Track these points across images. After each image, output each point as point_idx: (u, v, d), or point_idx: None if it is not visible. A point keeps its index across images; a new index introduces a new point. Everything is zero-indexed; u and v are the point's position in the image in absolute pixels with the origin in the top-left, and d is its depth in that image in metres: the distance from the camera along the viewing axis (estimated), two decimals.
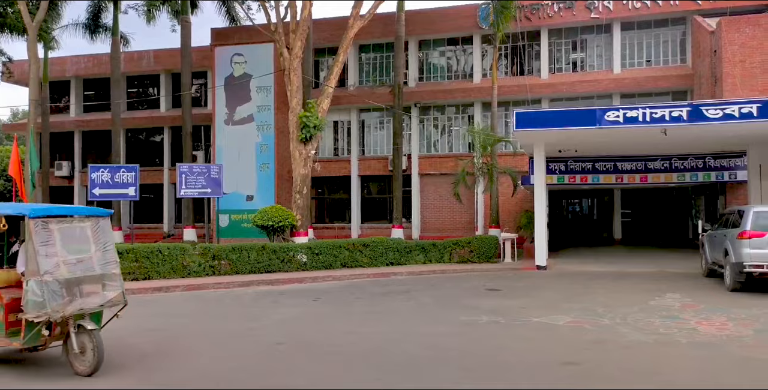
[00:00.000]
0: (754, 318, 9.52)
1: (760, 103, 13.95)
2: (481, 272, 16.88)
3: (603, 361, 7.06)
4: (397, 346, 7.96)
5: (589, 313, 10.14)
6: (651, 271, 16.21)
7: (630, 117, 14.64)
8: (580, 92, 25.50)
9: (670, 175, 21.23)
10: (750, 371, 6.58)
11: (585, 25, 25.85)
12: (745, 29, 20.56)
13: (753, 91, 19.90)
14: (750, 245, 11.99)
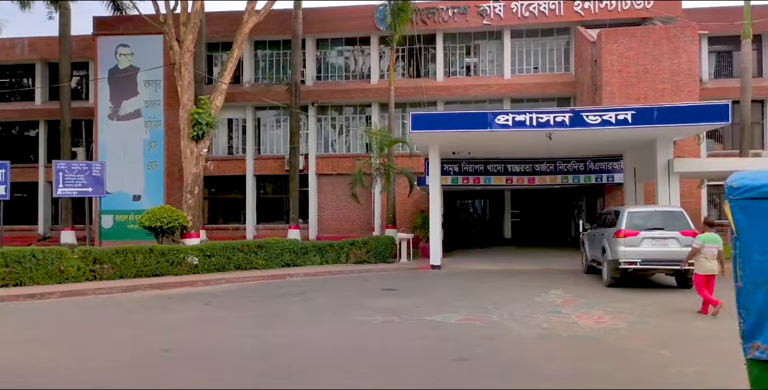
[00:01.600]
0: (628, 311, 10.18)
1: (634, 111, 14.98)
2: (377, 272, 16.97)
3: (492, 356, 7.25)
4: (290, 349, 7.79)
5: (480, 310, 10.43)
6: (537, 269, 16.98)
7: (518, 121, 15.25)
8: (474, 96, 26.34)
9: (555, 177, 22.37)
10: (622, 360, 6.98)
11: (478, 31, 26.72)
12: (622, 40, 22.07)
13: (629, 99, 21.41)
14: (625, 243, 12.83)
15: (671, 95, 21.33)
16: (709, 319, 9.55)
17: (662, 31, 22.19)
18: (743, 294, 4.02)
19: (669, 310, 10.37)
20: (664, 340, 7.93)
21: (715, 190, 26.12)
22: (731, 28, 24.39)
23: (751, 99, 22.67)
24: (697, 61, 22.16)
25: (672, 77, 21.64)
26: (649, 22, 24.45)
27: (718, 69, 27.04)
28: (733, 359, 6.97)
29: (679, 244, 12.61)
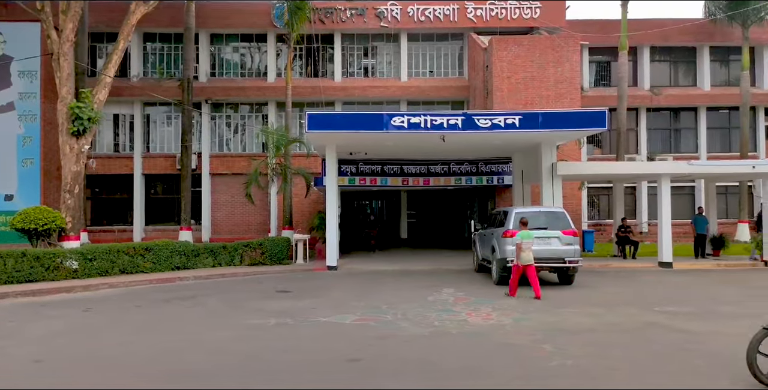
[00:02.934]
0: (514, 308, 10.60)
1: (522, 116, 15.64)
2: (272, 274, 16.66)
3: (385, 355, 7.29)
4: (176, 356, 7.44)
5: (375, 310, 10.48)
6: (431, 269, 17.35)
7: (413, 123, 15.49)
8: (371, 97, 26.54)
9: (449, 178, 22.97)
10: (506, 355, 7.24)
11: (375, 32, 26.95)
12: (512, 48, 23.02)
13: (518, 104, 22.37)
14: (512, 243, 13.33)
15: (555, 102, 22.51)
16: (588, 314, 10.11)
17: (548, 40, 23.37)
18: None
19: (551, 305, 10.91)
20: (546, 335, 8.30)
21: (594, 192, 27.89)
22: (610, 40, 26.14)
23: (627, 107, 24.44)
24: (578, 70, 23.50)
25: (556, 85, 22.83)
26: (536, 32, 25.68)
27: (598, 78, 28.87)
28: (610, 352, 7.44)
29: (561, 243, 13.32)
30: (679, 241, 22.68)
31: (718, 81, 28.56)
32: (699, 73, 28.50)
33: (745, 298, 11.72)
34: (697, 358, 7.06)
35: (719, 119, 28.46)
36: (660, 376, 6.37)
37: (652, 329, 8.77)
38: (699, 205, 23.15)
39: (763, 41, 27.30)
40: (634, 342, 7.97)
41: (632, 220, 25.84)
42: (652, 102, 27.66)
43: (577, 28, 25.80)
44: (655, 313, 10.11)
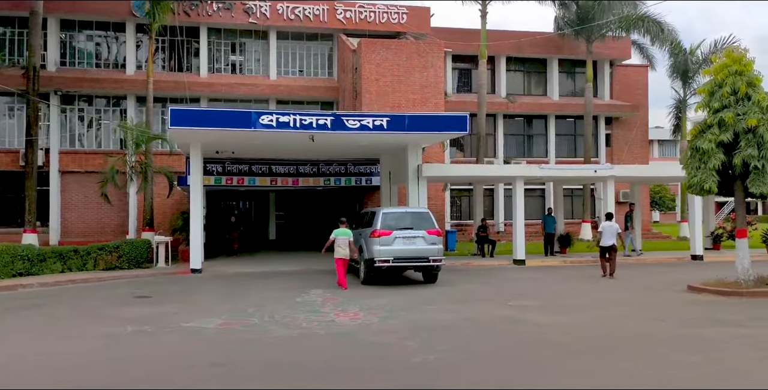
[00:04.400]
0: (381, 307, 10.85)
1: (389, 118, 16.00)
2: (130, 279, 15.74)
3: (249, 359, 7.15)
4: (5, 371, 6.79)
5: (241, 313, 10.25)
6: (301, 270, 17.27)
7: (282, 122, 15.30)
8: (239, 94, 25.90)
9: (318, 179, 22.98)
10: (373, 353, 7.40)
11: (244, 28, 26.35)
12: (380, 51, 23.50)
13: (386, 106, 22.88)
14: (380, 242, 13.66)
15: (421, 105, 23.30)
16: (450, 310, 10.58)
17: (414, 45, 24.13)
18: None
19: (417, 303, 11.28)
20: (411, 332, 8.58)
21: (456, 193, 29.23)
22: (471, 49, 27.50)
23: (486, 113, 25.87)
24: (442, 76, 24.50)
25: (421, 89, 23.64)
26: (403, 37, 26.42)
27: (460, 84, 30.31)
28: (469, 345, 7.83)
29: (426, 243, 13.81)
30: (532, 240, 24.34)
31: (566, 91, 31.07)
32: (549, 83, 30.84)
33: (587, 292, 12.84)
34: (545, 349, 7.63)
35: (566, 127, 30.97)
36: (513, 366, 6.80)
37: (507, 323, 9.37)
38: (549, 206, 25.01)
39: (604, 56, 30.07)
40: (491, 335, 8.46)
41: (490, 221, 27.37)
42: (508, 109, 29.50)
43: (442, 35, 26.89)
44: (510, 307, 10.80)
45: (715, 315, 9.84)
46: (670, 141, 53.29)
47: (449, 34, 27.92)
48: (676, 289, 12.86)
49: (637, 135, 31.34)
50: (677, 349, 7.46)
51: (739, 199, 12.85)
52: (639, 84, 31.60)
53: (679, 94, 30.49)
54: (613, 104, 30.59)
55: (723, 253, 20.63)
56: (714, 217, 25.71)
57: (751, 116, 11.75)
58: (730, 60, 12.43)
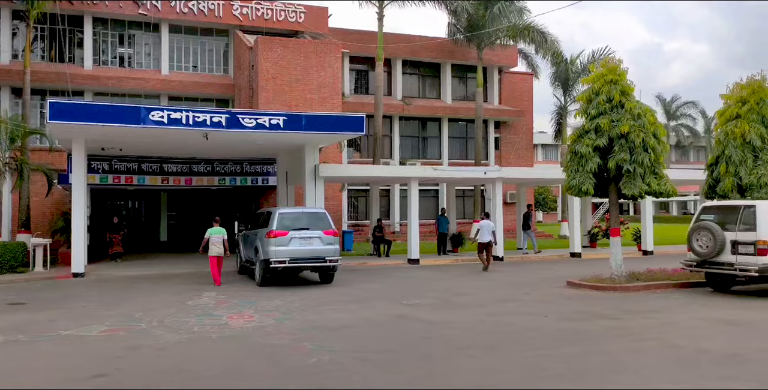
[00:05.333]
0: (276, 308, 10.77)
1: (286, 117, 15.88)
2: (3, 285, 14.59)
3: (135, 367, 6.87)
4: None
5: (127, 319, 9.81)
6: (192, 272, 16.72)
7: (174, 118, 14.77)
8: (128, 89, 24.69)
9: (213, 178, 22.38)
10: (267, 356, 7.34)
11: (133, 20, 25.13)
12: (277, 49, 23.25)
13: (283, 105, 22.67)
14: (275, 243, 13.53)
15: (318, 105, 23.30)
16: (346, 310, 10.68)
17: (312, 45, 24.08)
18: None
19: (313, 304, 11.29)
20: (306, 333, 8.59)
21: (354, 194, 29.46)
22: (368, 51, 27.82)
23: (383, 114, 26.28)
24: (340, 77, 24.62)
25: (319, 89, 23.64)
26: (301, 36, 26.26)
27: (358, 86, 30.58)
28: (365, 344, 7.95)
29: (322, 243, 13.83)
30: (426, 240, 25.01)
31: (458, 95, 32.17)
32: (443, 87, 31.81)
33: (477, 290, 13.39)
34: (436, 345, 7.90)
35: (459, 130, 32.07)
36: (406, 363, 6.99)
37: (401, 321, 9.61)
38: (442, 206, 25.79)
39: (494, 63, 31.40)
40: (385, 334, 8.64)
41: (386, 221, 27.84)
42: (404, 111, 30.11)
43: (339, 36, 27.01)
44: (403, 306, 11.07)
45: (592, 309, 10.56)
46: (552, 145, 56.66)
47: (347, 35, 28.10)
48: (557, 285, 13.71)
49: (523, 139, 33.01)
50: (558, 342, 7.97)
51: (613, 200, 13.87)
52: (525, 91, 33.30)
53: (561, 101, 32.51)
54: (501, 109, 32.02)
55: (599, 251, 22.19)
56: (591, 217, 27.60)
57: (624, 123, 12.71)
58: (605, 70, 13.38)
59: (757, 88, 13.92)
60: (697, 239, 12.19)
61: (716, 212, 12.40)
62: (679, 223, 45.57)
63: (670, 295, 12.26)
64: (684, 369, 6.58)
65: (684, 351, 7.38)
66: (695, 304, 11.02)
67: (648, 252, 21.87)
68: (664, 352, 7.34)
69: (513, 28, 26.65)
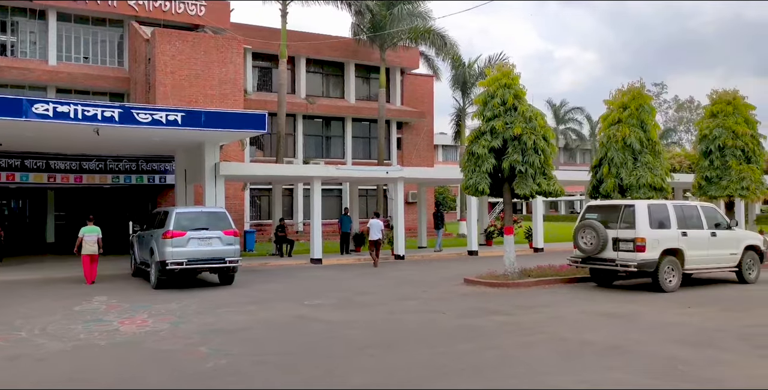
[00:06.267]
0: (172, 312, 10.40)
1: (184, 113, 15.35)
2: None
3: (14, 380, 6.41)
4: None
5: (5, 327, 9.14)
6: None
7: (61, 112, 13.88)
8: (9, 79, 22.95)
9: (106, 176, 21.28)
10: (161, 362, 7.06)
11: (16, 6, 23.42)
12: (176, 43, 22.42)
13: (182, 101, 21.89)
14: (172, 244, 13.06)
15: (219, 102, 22.70)
16: (245, 312, 10.48)
17: (212, 39, 23.42)
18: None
19: (211, 306, 11.00)
20: (203, 337, 8.35)
21: (256, 193, 28.97)
22: (272, 48, 27.42)
23: (286, 113, 25.97)
24: (242, 73, 24.12)
25: (220, 85, 23.05)
26: (201, 30, 25.49)
27: (261, 83, 30.08)
28: (263, 347, 7.83)
29: (222, 243, 13.51)
30: (329, 239, 25.03)
31: (362, 95, 32.41)
32: (346, 86, 31.93)
33: (377, 288, 13.56)
34: (336, 345, 7.93)
35: (362, 129, 32.32)
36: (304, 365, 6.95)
37: (301, 322, 9.56)
38: (345, 205, 25.91)
39: (396, 64, 31.88)
40: (285, 335, 8.57)
41: (290, 220, 27.59)
42: (307, 110, 29.96)
43: (242, 32, 26.44)
44: (304, 306, 11.03)
45: (487, 305, 10.98)
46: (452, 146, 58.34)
47: (250, 31, 27.56)
48: (455, 282, 14.14)
49: (424, 140, 33.76)
50: (455, 339, 8.22)
51: (507, 200, 14.48)
52: (426, 92, 34.07)
53: (460, 103, 33.57)
54: (403, 110, 32.57)
55: (494, 249, 23.09)
56: (487, 216, 28.71)
57: (517, 125, 13.30)
58: (500, 74, 13.94)
59: (636, 95, 15.02)
60: (582, 237, 12.96)
61: (599, 211, 13.23)
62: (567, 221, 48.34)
63: (558, 290, 12.98)
64: (570, 361, 6.96)
65: (570, 343, 7.81)
66: (580, 299, 11.73)
67: (539, 249, 23.02)
68: (553, 345, 7.74)
69: (415, 31, 27.16)
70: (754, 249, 13.71)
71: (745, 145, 16.85)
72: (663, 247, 12.29)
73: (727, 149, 16.99)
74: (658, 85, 67.18)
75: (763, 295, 12.09)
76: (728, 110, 17.18)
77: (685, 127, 64.18)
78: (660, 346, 7.58)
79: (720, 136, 17.03)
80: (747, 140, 16.92)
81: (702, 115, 18.69)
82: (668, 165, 15.52)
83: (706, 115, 18.00)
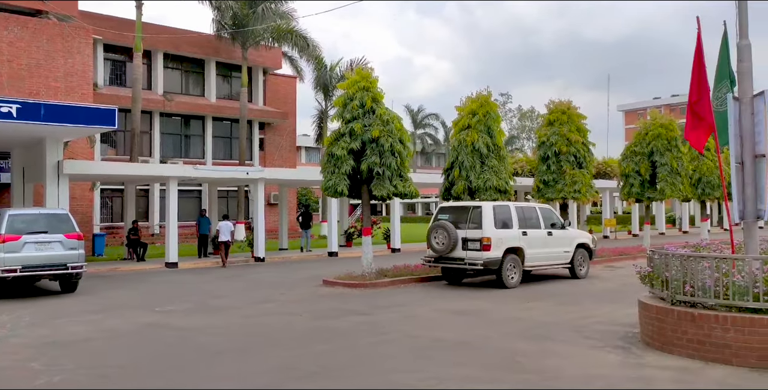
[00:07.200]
0: (1, 325, 9.49)
1: (20, 105, 14.07)
2: None
3: None
4: None
5: None
6: None
7: None
8: None
9: None
10: None
11: None
12: (14, 28, 20.47)
13: (21, 93, 19.99)
14: (4, 249, 11.94)
15: (65, 95, 21.03)
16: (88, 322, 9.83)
17: (57, 27, 21.64)
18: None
19: (48, 317, 10.18)
20: (36, 351, 7.69)
21: (108, 194, 27.18)
22: (126, 40, 25.90)
23: (142, 109, 24.64)
24: (91, 65, 22.52)
25: (66, 77, 21.37)
26: (45, 16, 23.44)
27: (114, 77, 28.28)
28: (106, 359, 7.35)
29: (64, 248, 12.57)
30: (188, 242, 24.13)
31: (223, 94, 31.58)
32: (207, 84, 30.94)
33: (234, 292, 13.29)
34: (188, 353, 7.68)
35: (223, 129, 31.48)
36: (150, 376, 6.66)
37: (151, 330, 9.13)
38: (203, 207, 25.07)
39: (258, 63, 31.40)
40: (132, 345, 8.14)
41: (145, 222, 26.23)
42: (165, 107, 28.63)
43: (92, 21, 24.71)
44: (156, 313, 10.55)
45: (344, 306, 11.14)
46: (315, 148, 58.55)
47: (101, 21, 25.83)
48: (314, 283, 14.23)
49: (287, 141, 33.56)
50: (311, 341, 8.23)
51: (365, 201, 14.82)
52: (289, 93, 33.89)
53: (322, 105, 33.83)
54: (266, 110, 32.15)
55: (354, 250, 23.47)
56: (348, 217, 29.15)
57: (375, 128, 13.66)
58: (359, 77, 14.24)
59: (484, 102, 16.05)
60: (435, 237, 13.58)
61: (451, 212, 13.93)
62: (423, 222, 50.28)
63: (413, 289, 13.49)
64: (421, 358, 7.20)
65: (422, 341, 8.11)
66: (432, 297, 12.27)
67: (396, 249, 23.76)
68: (406, 343, 8.00)
69: (277, 30, 26.92)
70: (584, 247, 15.13)
71: (577, 151, 18.64)
72: (506, 246, 13.20)
73: (562, 155, 18.68)
74: (504, 95, 71.98)
75: (592, 289, 13.35)
76: (563, 119, 18.92)
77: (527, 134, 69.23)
78: (503, 340, 8.10)
79: (556, 142, 18.71)
80: (579, 147, 18.72)
81: (541, 123, 20.39)
82: (512, 169, 16.77)
83: (544, 124, 19.70)
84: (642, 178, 21.38)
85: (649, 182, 21.54)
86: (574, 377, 6.24)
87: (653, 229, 33.47)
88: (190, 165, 21.24)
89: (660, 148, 20.90)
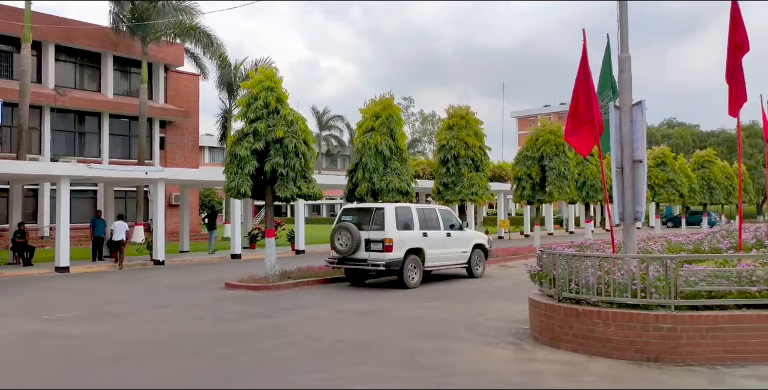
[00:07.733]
0: None
1: None
2: None
3: None
4: None
5: None
6: None
7: None
8: None
9: None
10: None
11: None
12: None
13: None
14: None
15: None
16: None
17: None
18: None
19: None
20: None
21: None
22: (13, 29, 24.26)
23: (30, 104, 23.16)
24: None
25: None
26: None
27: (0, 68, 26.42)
28: None
29: None
30: (82, 245, 22.94)
31: (121, 90, 30.24)
32: (103, 79, 29.52)
33: (132, 297, 12.82)
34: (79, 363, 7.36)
35: (122, 127, 30.15)
36: None
37: (37, 339, 8.64)
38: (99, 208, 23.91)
39: (160, 60, 30.34)
40: (14, 356, 7.67)
41: (34, 225, 24.70)
42: (57, 102, 27.07)
43: None
44: (43, 321, 10.01)
45: (247, 309, 11.02)
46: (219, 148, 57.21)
47: None
48: (216, 287, 13.98)
49: (189, 140, 32.62)
50: (212, 345, 8.09)
51: (268, 202, 14.71)
52: (191, 91, 32.96)
53: (226, 105, 33.18)
54: (167, 108, 31.10)
55: (258, 252, 23.21)
56: (252, 218, 28.74)
57: (279, 128, 13.60)
58: (263, 76, 14.12)
59: (387, 106, 16.41)
60: (338, 238, 13.71)
61: (354, 214, 14.11)
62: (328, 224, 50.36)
63: (316, 290, 13.55)
64: (323, 359, 7.26)
65: (324, 342, 8.18)
66: (335, 298, 12.39)
67: (300, 251, 23.71)
68: (308, 344, 8.04)
69: (179, 26, 26.14)
70: (481, 247, 15.79)
71: (474, 154, 19.44)
72: (407, 246, 13.55)
73: (460, 159, 19.41)
74: (407, 99, 73.35)
75: (487, 288, 13.94)
76: (462, 124, 19.67)
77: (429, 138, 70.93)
78: (403, 339, 8.32)
79: (455, 146, 19.42)
80: (477, 151, 19.52)
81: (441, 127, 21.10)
82: (413, 171, 17.23)
83: (443, 128, 20.40)
84: (533, 181, 22.64)
85: (539, 185, 22.84)
86: (469, 373, 6.55)
87: (543, 230, 35.31)
88: (83, 164, 20.21)
89: (549, 153, 22.25)
